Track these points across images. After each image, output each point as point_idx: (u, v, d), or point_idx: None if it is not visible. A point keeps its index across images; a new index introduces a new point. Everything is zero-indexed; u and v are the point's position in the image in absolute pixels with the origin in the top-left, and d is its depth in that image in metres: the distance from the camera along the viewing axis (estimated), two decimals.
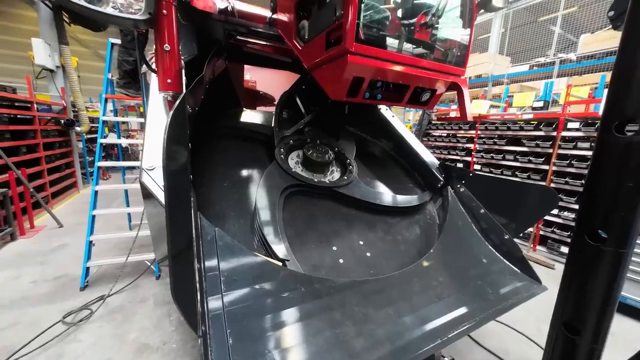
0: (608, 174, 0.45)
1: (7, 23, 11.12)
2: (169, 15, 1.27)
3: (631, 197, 0.43)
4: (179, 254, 0.92)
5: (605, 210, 0.46)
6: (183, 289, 0.95)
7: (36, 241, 4.05)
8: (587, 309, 0.46)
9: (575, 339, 0.47)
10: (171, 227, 0.84)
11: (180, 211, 0.94)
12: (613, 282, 0.46)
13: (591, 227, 0.49)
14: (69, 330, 2.33)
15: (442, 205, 2.52)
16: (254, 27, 2.62)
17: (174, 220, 0.86)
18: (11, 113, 4.68)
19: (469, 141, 5.29)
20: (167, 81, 1.34)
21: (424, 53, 2.08)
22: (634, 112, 0.40)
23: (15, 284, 2.95)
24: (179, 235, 0.91)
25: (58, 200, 5.84)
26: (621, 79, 0.43)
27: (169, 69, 1.34)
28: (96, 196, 3.03)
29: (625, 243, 0.44)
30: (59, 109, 6.12)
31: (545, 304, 2.85)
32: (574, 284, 0.50)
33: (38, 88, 7.00)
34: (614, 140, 0.42)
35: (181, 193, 0.97)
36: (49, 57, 5.90)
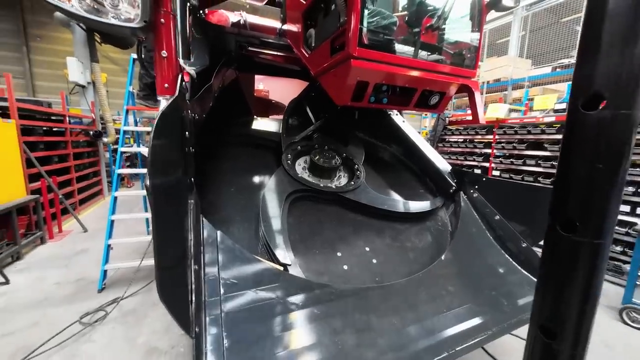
0: (577, 155, 0.40)
1: (47, 45, 12.22)
2: (167, 24, 1.34)
3: (602, 181, 0.38)
4: (166, 253, 0.93)
5: (575, 196, 0.41)
6: (171, 288, 0.96)
7: (63, 245, 4.30)
8: (563, 309, 0.41)
9: (552, 344, 0.42)
10: (157, 225, 0.86)
11: (169, 213, 0.96)
12: (590, 278, 0.40)
13: (563, 216, 0.44)
14: (85, 330, 2.41)
15: (454, 211, 2.42)
16: (265, 38, 2.71)
17: (160, 217, 0.87)
18: (46, 125, 5.08)
19: (486, 146, 5.09)
20: (165, 86, 1.41)
21: (429, 56, 2.05)
22: (600, 86, 0.35)
23: (40, 285, 3.13)
24: (166, 233, 0.92)
25: (85, 207, 6.20)
26: (587, 51, 0.39)
27: (166, 74, 1.40)
28: (115, 202, 3.18)
29: (600, 233, 0.39)
30: (88, 122, 6.56)
31: None
32: (549, 282, 0.45)
33: (71, 103, 7.57)
34: (581, 118, 0.38)
35: (171, 194, 0.99)
36: (81, 74, 6.37)
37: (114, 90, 10.96)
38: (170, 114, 0.90)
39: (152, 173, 0.84)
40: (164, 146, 0.91)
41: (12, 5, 11.19)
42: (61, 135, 5.48)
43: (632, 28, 0.35)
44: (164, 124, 0.87)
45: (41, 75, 12.27)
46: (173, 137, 0.96)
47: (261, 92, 5.07)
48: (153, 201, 0.83)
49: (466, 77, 2.26)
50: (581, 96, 0.38)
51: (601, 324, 2.74)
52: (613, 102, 0.35)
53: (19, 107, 4.20)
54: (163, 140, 0.89)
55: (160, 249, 0.86)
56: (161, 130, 0.86)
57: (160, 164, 0.88)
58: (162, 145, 0.89)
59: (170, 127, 0.95)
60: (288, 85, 4.95)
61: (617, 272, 3.43)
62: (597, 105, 0.36)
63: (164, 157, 0.91)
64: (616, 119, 0.35)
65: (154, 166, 0.85)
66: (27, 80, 12.03)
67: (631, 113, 0.35)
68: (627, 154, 0.37)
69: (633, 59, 0.35)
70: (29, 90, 12.00)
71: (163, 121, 0.86)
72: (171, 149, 0.95)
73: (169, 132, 0.94)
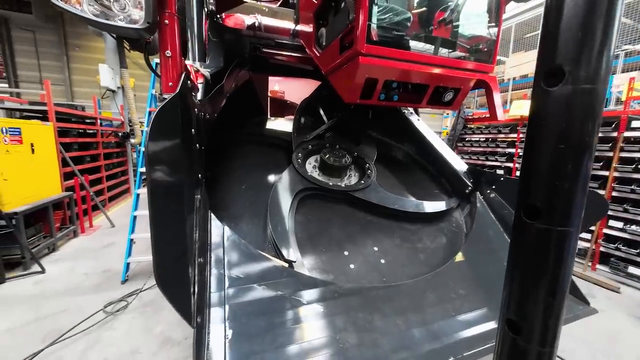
0: (539, 136, 0.37)
1: (84, 54, 13.18)
2: (171, 25, 1.40)
3: (566, 163, 0.34)
4: (164, 246, 0.96)
5: (538, 180, 0.37)
6: (171, 278, 1.00)
7: (93, 238, 4.61)
8: (528, 302, 0.37)
9: (517, 339, 0.38)
10: (154, 218, 0.89)
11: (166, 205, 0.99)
12: (557, 269, 0.36)
13: (526, 201, 0.40)
14: (108, 318, 2.57)
15: (469, 212, 2.32)
16: (279, 39, 2.76)
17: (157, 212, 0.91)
18: (80, 128, 5.47)
19: (509, 146, 4.83)
20: (169, 84, 1.48)
21: (442, 51, 1.98)
22: (561, 60, 0.32)
23: (71, 275, 3.37)
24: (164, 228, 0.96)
25: (114, 204, 6.61)
26: (548, 25, 0.35)
27: (171, 73, 1.47)
28: (138, 199, 3.36)
29: (566, 219, 0.35)
30: (117, 124, 7.00)
31: (607, 334, 2.43)
32: (515, 273, 0.41)
33: (103, 107, 8.10)
34: (543, 95, 0.34)
35: (170, 189, 1.02)
36: (112, 79, 6.83)
37: (141, 95, 11.63)
38: (169, 111, 0.94)
39: (149, 170, 0.88)
40: (163, 143, 0.95)
41: (54, 18, 12.19)
42: (93, 137, 5.89)
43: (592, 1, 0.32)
44: (161, 121, 0.91)
45: (78, 82, 13.26)
46: (173, 134, 1.00)
47: (277, 93, 5.16)
48: (150, 197, 0.87)
49: (483, 72, 2.17)
50: (543, 72, 0.35)
51: (637, 338, 2.50)
52: (574, 76, 0.32)
53: (56, 110, 4.55)
54: (161, 137, 0.93)
55: (158, 243, 0.90)
56: (159, 127, 0.90)
57: (157, 161, 0.92)
58: (160, 142, 0.93)
59: (171, 124, 0.99)
60: (303, 86, 5.00)
61: None
62: (559, 80, 0.33)
63: (163, 154, 0.95)
64: (578, 94, 0.31)
65: (150, 163, 0.89)
66: (67, 86, 13.05)
67: (594, 88, 0.32)
68: (591, 132, 0.34)
69: (594, 32, 0.32)
70: (68, 96, 13.00)
71: (161, 118, 0.90)
72: (171, 146, 0.99)
73: (168, 129, 0.98)
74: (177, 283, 1.00)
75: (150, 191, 0.88)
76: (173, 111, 0.99)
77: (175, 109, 1.01)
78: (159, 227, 0.90)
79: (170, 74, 1.45)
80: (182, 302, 1.01)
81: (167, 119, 0.97)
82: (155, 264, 0.90)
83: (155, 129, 0.89)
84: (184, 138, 1.08)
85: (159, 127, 0.90)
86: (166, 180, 0.97)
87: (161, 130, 0.93)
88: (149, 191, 0.88)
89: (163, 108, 0.91)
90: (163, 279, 0.92)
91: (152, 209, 0.89)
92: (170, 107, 0.96)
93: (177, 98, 1.01)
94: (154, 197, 0.89)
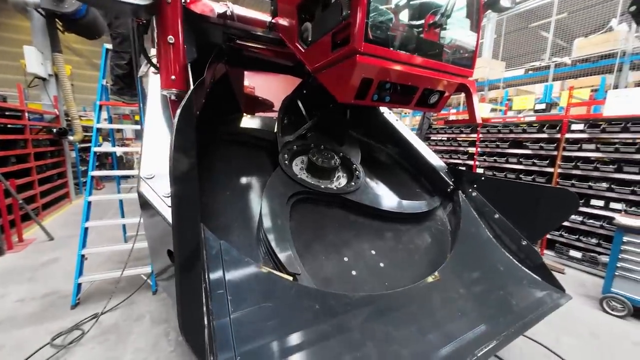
0: None
1: (2, 33, 11.02)
2: (173, 4, 1.17)
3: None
4: (189, 276, 0.79)
5: None
6: (192, 319, 0.83)
7: (25, 256, 3.85)
8: None
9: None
10: (180, 245, 0.72)
11: (188, 224, 0.82)
12: None
13: None
14: (58, 354, 2.14)
15: (453, 210, 2.43)
16: (254, 31, 2.55)
17: (182, 236, 0.74)
18: (0, 122, 4.52)
19: (470, 145, 5.24)
20: (171, 78, 1.23)
21: (432, 53, 2.02)
22: None
23: (0, 304, 2.76)
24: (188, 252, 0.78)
25: (49, 212, 5.63)
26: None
27: (173, 64, 1.23)
28: (89, 207, 2.88)
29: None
30: (51, 118, 5.96)
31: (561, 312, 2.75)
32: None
33: (30, 97, 6.84)
34: None
35: (189, 203, 0.85)
36: (41, 65, 5.78)
37: (78, 84, 10.08)
38: (189, 111, 0.76)
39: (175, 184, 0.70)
40: (185, 155, 0.77)
41: None
42: (19, 133, 4.91)
43: None
44: (184, 127, 0.73)
45: None
46: (189, 140, 0.82)
47: (247, 88, 4.85)
48: (176, 215, 0.69)
49: (464, 76, 2.27)
50: None
51: (584, 314, 2.89)
52: None
53: None
54: (182, 150, 0.74)
55: (184, 279, 0.73)
56: (182, 136, 0.72)
57: (182, 173, 0.74)
58: (183, 155, 0.74)
59: (189, 127, 0.80)
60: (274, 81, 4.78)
61: (592, 263, 3.66)
62: None
63: (185, 165, 0.77)
64: None
65: (176, 174, 0.71)
66: None
67: None
68: None
69: None
70: None
71: (182, 124, 0.71)
72: (189, 155, 0.81)
73: (187, 137, 0.79)
74: (195, 322, 0.83)
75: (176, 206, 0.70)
76: (192, 111, 0.81)
77: (192, 110, 0.83)
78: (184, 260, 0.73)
79: (172, 66, 1.20)
80: (198, 341, 0.84)
81: (188, 122, 0.78)
82: (181, 308, 0.72)
83: (180, 135, 0.71)
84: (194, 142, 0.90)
85: (182, 133, 0.72)
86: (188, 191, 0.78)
87: (184, 137, 0.75)
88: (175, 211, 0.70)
89: (184, 111, 0.73)
90: (187, 325, 0.74)
91: (179, 236, 0.71)
92: (190, 108, 0.78)
93: (193, 95, 0.83)
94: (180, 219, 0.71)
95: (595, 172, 3.63)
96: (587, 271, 3.72)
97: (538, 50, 9.32)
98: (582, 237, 3.74)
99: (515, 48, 9.89)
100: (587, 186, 3.68)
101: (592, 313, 2.91)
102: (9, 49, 10.84)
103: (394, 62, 1.83)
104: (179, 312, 0.72)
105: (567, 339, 2.51)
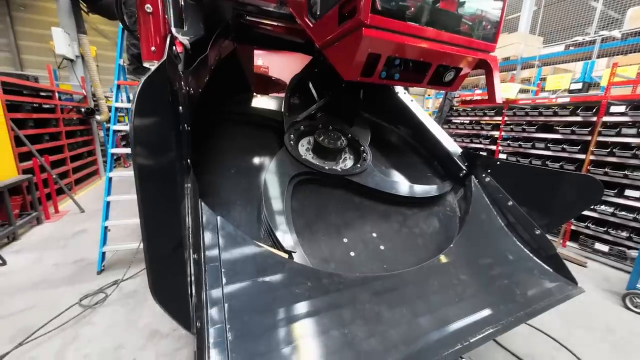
0: None
1: (31, 15, 11.52)
2: None
3: None
4: (159, 247, 0.82)
5: None
6: (167, 285, 0.87)
7: (60, 225, 4.23)
8: None
9: None
10: (145, 218, 0.75)
11: (158, 198, 0.84)
12: None
13: None
14: (85, 312, 2.38)
15: (464, 196, 2.32)
16: (264, 7, 2.47)
17: (149, 209, 0.76)
18: (34, 102, 4.82)
19: (494, 128, 4.92)
20: (151, 49, 1.22)
21: (448, 26, 1.85)
22: None
23: (38, 266, 3.08)
24: (158, 225, 0.81)
25: (81, 187, 6.08)
26: None
27: (153, 34, 1.21)
28: (110, 183, 3.06)
29: None
30: (79, 98, 6.28)
31: (578, 307, 2.63)
32: None
33: (60, 78, 7.21)
34: None
35: (161, 177, 0.86)
36: (69, 46, 6.01)
37: (104, 66, 10.47)
38: (156, 81, 0.76)
39: (137, 154, 0.72)
40: (150, 122, 0.77)
41: None
42: (51, 113, 5.24)
43: None
44: (148, 94, 0.73)
45: (28, 49, 11.67)
46: (161, 110, 0.82)
47: (260, 68, 4.80)
48: (139, 186, 0.71)
49: (485, 51, 2.08)
50: None
51: (604, 309, 2.74)
52: None
53: (3, 81, 3.94)
54: (148, 114, 0.75)
55: (151, 241, 0.76)
56: (145, 102, 0.72)
57: (146, 143, 0.75)
58: (147, 120, 0.75)
59: (158, 99, 0.81)
60: (289, 60, 4.68)
61: (620, 258, 3.41)
62: None
63: (151, 134, 0.78)
64: None
65: (138, 146, 0.72)
66: (14, 53, 11.45)
67: None
68: None
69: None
70: (16, 64, 11.46)
71: (147, 91, 0.72)
72: (160, 125, 0.82)
73: (155, 105, 0.80)
74: (172, 287, 0.87)
75: (139, 176, 0.72)
76: (161, 82, 0.81)
77: (164, 79, 0.82)
78: (149, 218, 0.76)
79: (152, 36, 1.19)
80: (179, 308, 0.89)
81: (155, 91, 0.78)
82: (148, 263, 0.76)
83: (142, 102, 0.71)
84: (173, 115, 0.90)
85: (145, 100, 0.73)
86: (156, 163, 0.80)
87: (148, 105, 0.75)
88: (137, 176, 0.72)
89: (150, 78, 0.73)
90: (157, 286, 0.78)
91: (142, 196, 0.73)
92: (158, 76, 0.77)
93: (165, 66, 0.82)
94: (143, 183, 0.73)
95: (634, 159, 3.29)
96: (613, 266, 3.48)
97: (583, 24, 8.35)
98: (610, 230, 3.47)
99: (557, 21, 8.91)
100: (622, 175, 3.36)
101: (613, 309, 2.75)
102: (38, 31, 11.35)
103: (404, 35, 1.71)
104: (149, 275, 0.76)
105: (580, 333, 2.40)
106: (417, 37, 1.74)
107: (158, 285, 0.79)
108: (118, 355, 2.01)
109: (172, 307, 0.87)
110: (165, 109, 0.84)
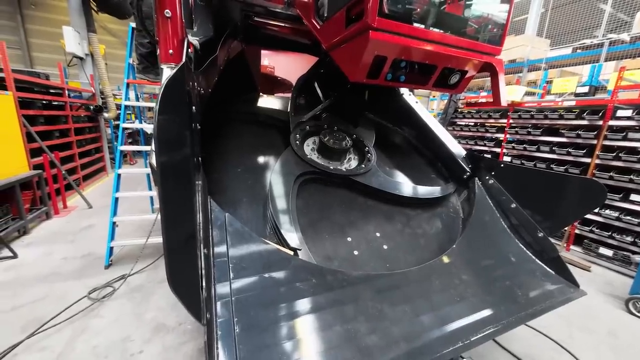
0: None
1: (43, 14, 11.71)
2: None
3: None
4: (176, 240, 0.86)
5: None
6: (182, 277, 0.91)
7: (68, 220, 4.31)
8: None
9: None
10: (166, 211, 0.79)
11: (177, 193, 0.88)
12: None
13: None
14: (93, 305, 2.45)
15: (467, 198, 2.34)
16: (272, 8, 2.51)
17: (169, 203, 0.80)
18: (45, 99, 4.92)
19: (499, 131, 4.92)
20: (169, 52, 1.26)
21: (454, 29, 1.87)
22: None
23: (48, 260, 3.16)
24: (176, 219, 0.85)
25: (89, 183, 6.18)
26: None
27: (171, 38, 1.26)
28: (119, 179, 3.13)
29: None
30: (88, 96, 6.39)
31: (580, 310, 2.63)
32: None
33: (70, 76, 7.34)
34: None
35: (179, 173, 0.91)
36: (79, 44, 6.12)
37: (113, 64, 10.61)
38: (177, 83, 0.80)
39: (160, 151, 0.76)
40: (172, 121, 0.82)
41: None
42: (61, 110, 5.34)
43: None
44: (170, 94, 0.77)
45: (38, 46, 11.87)
46: (180, 110, 0.87)
47: (266, 68, 4.84)
48: (161, 182, 0.75)
49: (491, 54, 2.09)
50: None
51: (607, 313, 2.74)
52: None
53: (15, 78, 4.03)
54: (170, 114, 0.79)
55: (170, 233, 0.80)
56: (168, 102, 0.76)
57: (167, 141, 0.79)
58: (169, 120, 0.80)
59: (178, 99, 0.85)
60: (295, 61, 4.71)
61: (625, 262, 3.40)
62: None
63: (172, 133, 0.82)
64: None
65: (161, 143, 0.76)
66: (24, 51, 11.66)
67: None
68: None
69: None
70: (26, 62, 11.67)
71: (169, 92, 0.76)
72: (179, 124, 0.86)
73: (176, 105, 0.84)
74: (187, 278, 0.91)
75: (161, 170, 0.76)
76: (181, 83, 0.85)
77: (183, 81, 0.87)
78: (170, 217, 0.80)
79: (169, 40, 1.24)
80: (191, 299, 0.93)
81: (175, 92, 0.82)
82: (167, 253, 0.80)
83: (165, 102, 0.75)
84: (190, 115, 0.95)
85: (167, 101, 0.77)
86: (175, 159, 0.85)
87: (170, 105, 0.79)
88: (160, 171, 0.76)
89: (171, 79, 0.77)
90: (174, 276, 0.82)
91: (163, 189, 0.77)
92: (178, 78, 0.82)
93: (184, 68, 0.87)
94: (166, 184, 0.78)
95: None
96: (617, 270, 3.47)
97: (591, 26, 8.28)
98: (615, 234, 3.46)
99: (564, 24, 8.84)
100: (627, 179, 3.35)
101: (615, 313, 2.75)
102: (49, 29, 11.54)
103: (411, 38, 1.73)
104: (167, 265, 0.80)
105: (582, 336, 2.41)
106: (424, 40, 1.77)
107: (175, 276, 0.83)
108: (126, 347, 2.07)
109: (186, 298, 0.91)
110: (184, 109, 0.88)
